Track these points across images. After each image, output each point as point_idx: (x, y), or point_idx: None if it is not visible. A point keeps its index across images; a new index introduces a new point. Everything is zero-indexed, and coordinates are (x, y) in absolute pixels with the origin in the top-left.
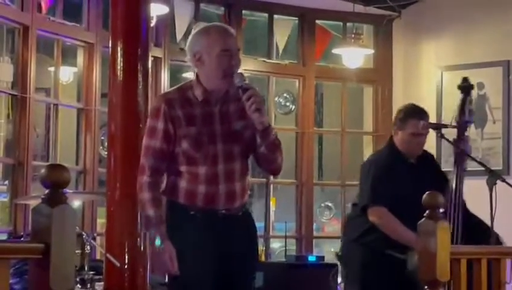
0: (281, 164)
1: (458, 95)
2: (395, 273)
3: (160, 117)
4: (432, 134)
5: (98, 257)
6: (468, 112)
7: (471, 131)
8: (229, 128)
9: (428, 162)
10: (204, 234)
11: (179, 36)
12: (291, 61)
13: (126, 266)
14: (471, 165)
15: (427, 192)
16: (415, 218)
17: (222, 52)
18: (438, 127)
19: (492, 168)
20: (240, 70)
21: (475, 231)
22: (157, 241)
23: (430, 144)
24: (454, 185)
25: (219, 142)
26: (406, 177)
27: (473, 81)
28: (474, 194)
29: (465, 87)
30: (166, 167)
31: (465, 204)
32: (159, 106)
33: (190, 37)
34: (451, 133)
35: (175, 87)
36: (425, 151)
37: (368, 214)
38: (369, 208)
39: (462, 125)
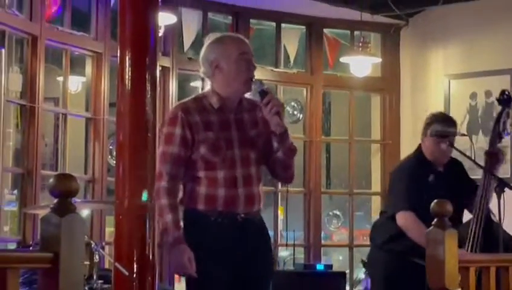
0: (294, 172)
1: (466, 103)
2: (419, 280)
3: (178, 123)
4: (464, 142)
5: (106, 266)
6: (503, 125)
7: (480, 138)
8: (245, 135)
9: (457, 170)
10: (224, 240)
11: (187, 45)
12: (299, 69)
13: (135, 275)
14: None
15: (457, 201)
16: None
17: (240, 55)
18: (445, 135)
19: (501, 176)
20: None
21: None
22: None
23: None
24: (480, 195)
25: (236, 147)
26: (433, 185)
27: (481, 89)
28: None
29: (503, 100)
30: (184, 174)
31: (489, 213)
32: (176, 113)
33: (204, 48)
34: (459, 142)
35: (189, 98)
36: (454, 159)
37: (396, 218)
38: (397, 213)
39: (494, 137)
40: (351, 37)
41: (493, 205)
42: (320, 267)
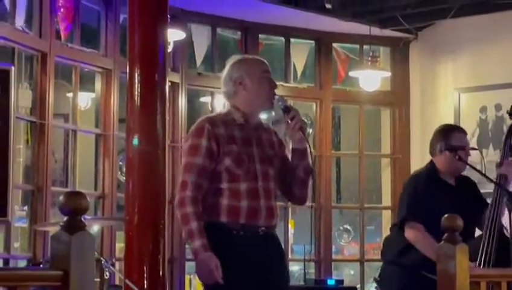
0: (309, 193)
1: (476, 117)
2: None
3: (204, 135)
4: (474, 156)
5: (117, 282)
6: None
7: (490, 152)
8: (264, 152)
9: (469, 186)
10: (246, 253)
11: (198, 61)
12: (308, 84)
13: None
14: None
15: (467, 217)
16: None
17: (263, 73)
18: (455, 149)
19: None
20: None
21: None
22: None
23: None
24: (491, 209)
25: (257, 162)
26: (444, 199)
27: (491, 102)
28: None
29: None
30: (208, 186)
31: (502, 228)
32: (203, 125)
33: (227, 68)
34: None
35: (214, 113)
36: (467, 176)
37: (405, 231)
38: (406, 225)
39: (505, 150)
40: (360, 52)
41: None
42: (331, 282)
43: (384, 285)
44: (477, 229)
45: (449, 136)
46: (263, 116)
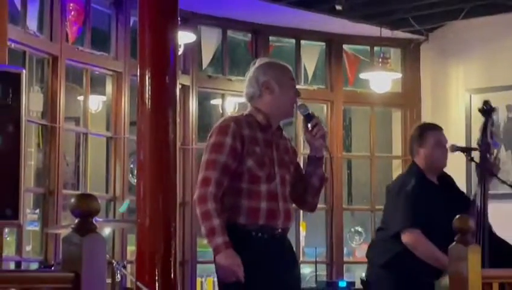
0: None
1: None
2: None
3: (229, 134)
4: (460, 157)
5: (128, 285)
6: (490, 135)
7: (502, 153)
8: (282, 157)
9: (449, 182)
10: (264, 254)
11: (206, 63)
12: (319, 86)
13: None
14: (499, 189)
15: (456, 215)
16: (443, 240)
17: (290, 81)
18: (467, 150)
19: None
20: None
21: (507, 256)
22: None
23: (460, 167)
24: (478, 208)
25: (276, 166)
26: (433, 201)
27: (502, 103)
28: (504, 218)
29: (487, 110)
30: (228, 185)
31: (490, 227)
32: (228, 124)
33: (254, 69)
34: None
35: (237, 113)
36: (444, 173)
37: (401, 237)
38: (402, 231)
39: (483, 148)
40: (371, 53)
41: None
42: (342, 284)
43: (375, 289)
44: None
45: (425, 136)
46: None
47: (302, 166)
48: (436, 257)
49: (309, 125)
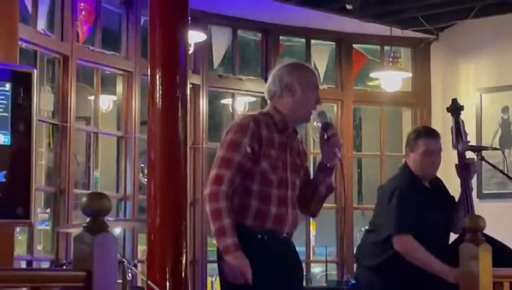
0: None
1: (498, 117)
2: None
3: (248, 134)
4: (496, 156)
5: (139, 284)
6: (464, 133)
7: None
8: (294, 161)
9: (439, 185)
10: (268, 257)
11: (217, 63)
12: (329, 85)
13: None
14: (487, 189)
15: (446, 217)
16: (435, 244)
17: (314, 86)
18: (479, 149)
19: None
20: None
21: (500, 255)
22: None
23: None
24: (465, 208)
25: (288, 170)
26: (425, 204)
27: None
28: (492, 217)
29: (456, 109)
30: (239, 184)
31: None
32: (248, 123)
33: (279, 68)
34: (491, 156)
35: (256, 112)
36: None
37: (393, 242)
38: (394, 236)
39: (462, 149)
40: (381, 53)
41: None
42: (353, 283)
43: None
44: None
45: (415, 143)
46: None
47: (311, 169)
48: (427, 263)
49: (325, 134)
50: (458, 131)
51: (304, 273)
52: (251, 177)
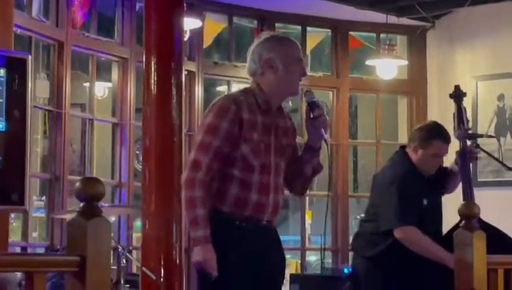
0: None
1: (493, 105)
2: None
3: (228, 117)
4: (491, 144)
5: (134, 270)
6: (466, 120)
7: (508, 141)
8: (280, 142)
9: (436, 174)
10: (246, 244)
11: (211, 49)
12: (324, 73)
13: (162, 279)
14: (482, 177)
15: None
16: (432, 226)
17: (298, 61)
18: (474, 137)
19: None
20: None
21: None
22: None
23: None
24: (463, 194)
25: (272, 153)
26: (423, 191)
27: (509, 90)
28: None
29: (458, 95)
30: (217, 168)
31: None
32: (228, 106)
33: (257, 44)
34: (486, 144)
35: (239, 90)
36: None
37: (395, 233)
38: (397, 228)
39: (463, 136)
40: (377, 40)
41: None
42: (348, 271)
43: (364, 281)
44: None
45: (430, 142)
46: None
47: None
48: (432, 251)
49: (312, 114)
50: (460, 118)
51: (299, 261)
52: (231, 162)
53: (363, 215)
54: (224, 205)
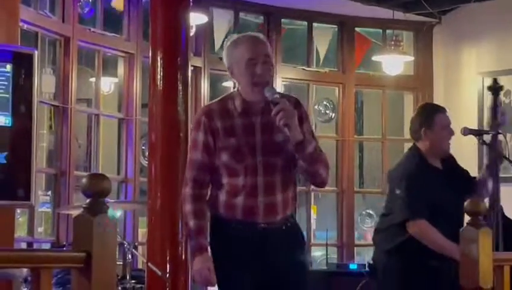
0: (325, 177)
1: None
2: (437, 285)
3: (201, 129)
4: (472, 140)
5: (139, 266)
6: (501, 113)
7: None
8: (270, 140)
9: (452, 164)
10: (243, 247)
11: (218, 45)
12: (331, 69)
13: (168, 275)
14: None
15: (462, 196)
16: (450, 223)
17: (248, 61)
18: (480, 133)
19: None
20: (274, 85)
21: None
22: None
23: (472, 150)
24: (490, 190)
25: (259, 153)
26: (437, 185)
27: None
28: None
29: (496, 88)
30: (210, 180)
31: (502, 210)
32: (200, 118)
33: (224, 48)
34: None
35: (216, 99)
36: (448, 154)
37: (407, 227)
38: (408, 221)
39: (494, 129)
40: (383, 36)
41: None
42: (353, 266)
43: (383, 275)
44: None
45: (432, 119)
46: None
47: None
48: (443, 245)
49: (273, 112)
50: (494, 112)
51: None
52: (217, 170)
53: (382, 210)
54: (218, 210)
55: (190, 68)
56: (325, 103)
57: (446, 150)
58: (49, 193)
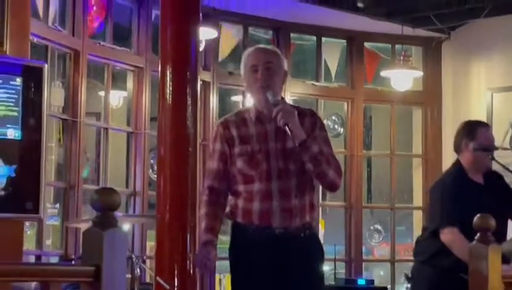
0: (335, 180)
1: (509, 117)
2: None
3: (218, 139)
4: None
5: (148, 280)
6: None
7: None
8: (283, 145)
9: (498, 182)
10: (260, 251)
11: (226, 60)
12: (339, 84)
13: (176, 289)
14: None
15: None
16: None
17: (251, 68)
18: (489, 149)
19: None
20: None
21: None
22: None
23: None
24: None
25: (273, 159)
26: (474, 199)
27: None
28: None
29: None
30: (228, 188)
31: None
32: (217, 129)
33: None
34: (502, 156)
35: (232, 112)
36: (494, 171)
37: (439, 235)
38: (440, 229)
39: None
40: (392, 51)
41: None
42: (361, 282)
43: (416, 284)
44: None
45: (475, 133)
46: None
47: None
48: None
49: (273, 114)
50: None
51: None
52: (234, 179)
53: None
54: (237, 217)
55: (199, 82)
56: (333, 117)
57: (487, 164)
58: (57, 205)
